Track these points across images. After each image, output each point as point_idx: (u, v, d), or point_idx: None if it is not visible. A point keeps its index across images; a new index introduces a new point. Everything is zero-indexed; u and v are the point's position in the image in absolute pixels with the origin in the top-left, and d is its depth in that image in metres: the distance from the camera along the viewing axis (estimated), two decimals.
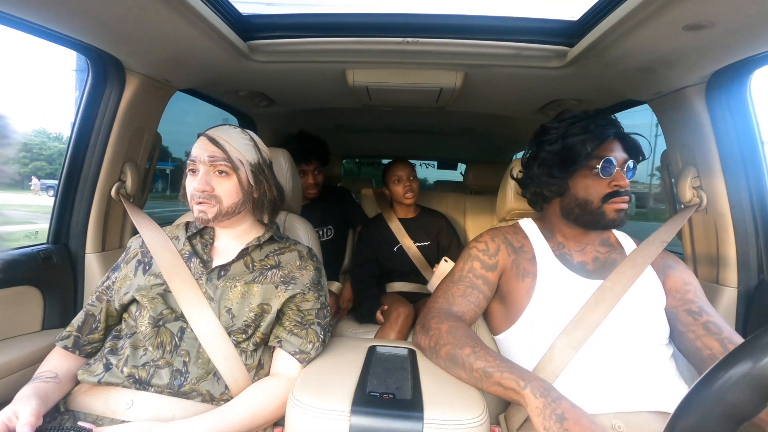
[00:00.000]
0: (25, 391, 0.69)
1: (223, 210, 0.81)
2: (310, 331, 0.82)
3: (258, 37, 1.06)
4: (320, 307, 0.85)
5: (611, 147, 0.84)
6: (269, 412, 0.75)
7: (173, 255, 0.83)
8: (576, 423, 0.57)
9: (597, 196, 0.84)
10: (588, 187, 0.84)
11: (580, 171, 0.85)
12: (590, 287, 0.83)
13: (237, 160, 0.81)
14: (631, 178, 0.85)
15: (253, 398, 0.74)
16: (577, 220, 0.88)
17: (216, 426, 0.69)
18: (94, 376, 0.75)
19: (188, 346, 0.76)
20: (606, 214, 0.83)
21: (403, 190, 1.72)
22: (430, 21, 1.01)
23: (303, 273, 0.85)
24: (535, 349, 0.81)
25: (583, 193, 0.85)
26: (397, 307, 1.50)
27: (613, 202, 0.83)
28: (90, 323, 0.83)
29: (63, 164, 1.14)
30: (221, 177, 0.80)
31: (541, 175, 0.89)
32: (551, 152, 0.87)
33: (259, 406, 0.74)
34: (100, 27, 0.88)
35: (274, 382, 0.78)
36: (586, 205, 0.85)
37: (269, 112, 1.79)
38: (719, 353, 0.74)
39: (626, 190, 0.83)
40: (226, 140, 0.81)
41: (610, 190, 0.83)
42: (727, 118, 1.00)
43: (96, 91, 1.11)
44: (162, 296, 0.79)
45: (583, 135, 0.83)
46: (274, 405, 0.75)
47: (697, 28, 0.76)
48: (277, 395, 0.76)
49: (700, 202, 1.04)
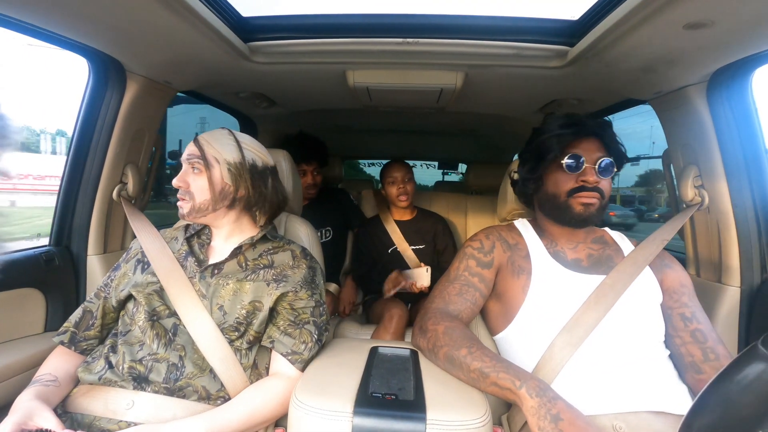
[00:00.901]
0: (25, 397, 0.69)
1: (196, 206, 0.83)
2: (303, 330, 0.81)
3: (258, 38, 1.07)
4: (315, 305, 0.85)
5: (583, 145, 0.86)
6: (268, 411, 0.75)
7: (170, 259, 0.84)
8: (571, 424, 0.57)
9: (563, 190, 0.87)
10: (557, 181, 0.88)
11: (550, 166, 0.88)
12: (586, 283, 0.84)
13: (212, 158, 0.84)
14: (607, 177, 0.86)
15: (251, 398, 0.75)
16: (549, 215, 0.92)
17: (214, 425, 0.69)
18: (94, 374, 0.75)
19: (182, 341, 0.77)
20: (572, 207, 0.86)
21: (396, 192, 1.71)
22: (430, 21, 1.01)
23: (295, 271, 0.86)
24: (534, 347, 0.81)
25: (552, 188, 0.89)
26: (390, 308, 1.50)
27: (578, 197, 0.85)
28: (87, 320, 0.84)
29: (64, 166, 1.14)
30: (195, 174, 0.84)
31: (524, 172, 0.95)
32: (530, 149, 0.93)
33: (257, 406, 0.74)
34: (101, 29, 0.88)
35: (272, 381, 0.78)
36: (554, 199, 0.88)
37: (270, 113, 1.79)
38: (700, 361, 0.78)
39: (596, 186, 0.85)
40: (207, 141, 0.85)
41: (576, 185, 0.85)
42: (728, 116, 1.00)
43: (97, 93, 1.11)
44: (157, 293, 0.80)
45: (553, 132, 0.87)
46: (272, 404, 0.75)
47: (697, 26, 0.76)
48: (275, 394, 0.76)
49: (701, 202, 1.04)
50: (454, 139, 2.69)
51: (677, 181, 1.12)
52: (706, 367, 0.77)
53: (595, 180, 0.84)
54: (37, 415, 0.64)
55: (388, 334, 1.44)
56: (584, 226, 0.91)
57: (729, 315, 1.02)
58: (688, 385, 0.79)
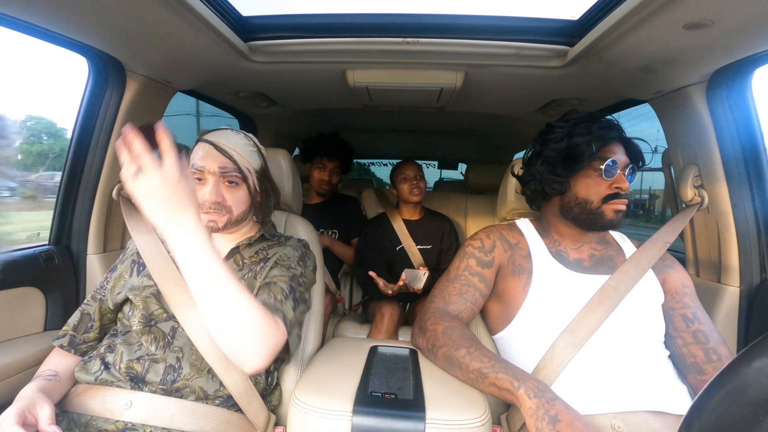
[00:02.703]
0: (29, 390, 0.69)
1: (233, 219, 0.82)
2: (274, 288, 0.77)
3: (258, 37, 1.06)
4: (292, 276, 0.81)
5: (614, 149, 0.85)
6: (253, 311, 0.63)
7: (164, 259, 0.83)
8: (569, 425, 0.57)
9: (597, 197, 0.84)
10: (589, 186, 0.85)
11: (583, 171, 0.85)
12: (587, 283, 0.84)
13: (246, 170, 0.82)
14: (631, 182, 0.86)
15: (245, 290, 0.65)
16: (575, 219, 0.88)
17: (211, 252, 0.60)
18: (91, 374, 0.75)
19: (181, 344, 0.76)
20: (605, 214, 0.84)
21: (409, 188, 1.73)
22: (430, 21, 1.01)
23: (283, 251, 0.86)
24: (535, 347, 0.81)
25: (584, 193, 0.86)
26: (381, 307, 1.50)
27: (612, 203, 0.83)
28: (85, 322, 0.84)
29: (64, 165, 1.14)
30: (231, 187, 0.81)
31: (545, 172, 0.89)
32: (556, 150, 0.87)
33: (246, 295, 0.63)
34: (100, 29, 0.88)
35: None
36: (585, 205, 0.85)
37: (270, 112, 1.79)
38: (702, 362, 0.78)
39: (626, 193, 0.84)
40: (233, 149, 0.81)
41: (611, 191, 0.83)
42: (728, 116, 1.00)
43: (97, 92, 1.11)
44: (155, 296, 0.80)
45: (588, 135, 0.84)
46: (258, 312, 0.64)
47: (697, 26, 0.76)
48: (264, 313, 0.66)
49: (701, 202, 1.04)
50: (454, 138, 2.69)
51: (677, 181, 1.12)
52: (709, 368, 0.77)
53: (627, 186, 0.84)
54: (38, 406, 0.64)
55: (380, 333, 1.44)
56: (606, 230, 0.91)
57: (728, 315, 1.03)
58: (688, 386, 0.79)
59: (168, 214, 0.57)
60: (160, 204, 0.57)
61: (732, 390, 0.34)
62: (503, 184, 1.14)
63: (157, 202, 0.57)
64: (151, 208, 0.57)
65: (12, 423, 0.60)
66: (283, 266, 0.83)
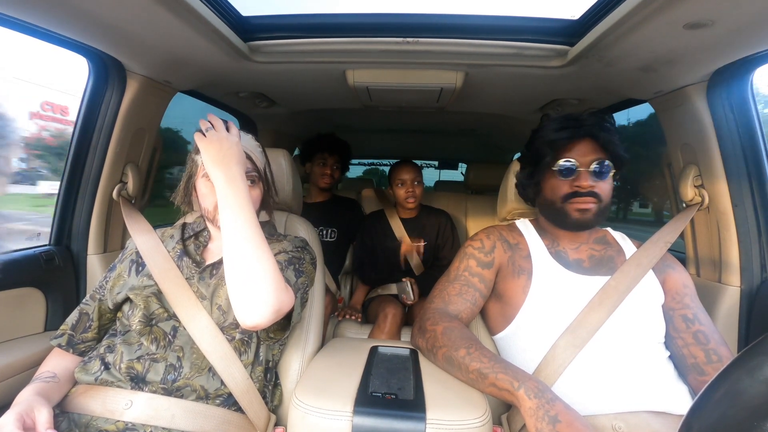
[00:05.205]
0: (27, 393, 0.69)
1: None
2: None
3: (258, 38, 1.07)
4: (291, 258, 0.83)
5: (577, 148, 0.84)
6: (266, 261, 0.68)
7: (165, 259, 0.83)
8: (569, 426, 0.57)
9: (558, 196, 0.86)
10: (553, 187, 0.87)
11: (545, 172, 0.88)
12: (587, 284, 0.84)
13: (261, 170, 0.85)
14: (605, 177, 0.84)
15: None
16: (550, 219, 0.92)
17: (247, 207, 0.71)
18: (90, 374, 0.75)
19: (182, 343, 0.76)
20: (569, 213, 0.85)
21: (405, 194, 1.70)
22: (431, 21, 1.01)
23: (281, 245, 0.86)
24: (535, 348, 0.81)
25: (549, 194, 0.88)
26: (383, 308, 1.50)
27: (573, 203, 0.84)
28: (84, 322, 0.83)
29: (65, 166, 1.14)
30: (250, 186, 0.81)
31: (522, 177, 0.95)
32: (527, 155, 0.93)
33: (271, 255, 0.69)
34: (100, 29, 0.88)
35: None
36: (552, 205, 0.88)
37: (270, 113, 1.79)
38: (702, 363, 0.78)
39: (591, 191, 0.82)
40: (249, 150, 0.84)
41: (570, 190, 0.84)
42: (728, 116, 1.00)
43: (97, 92, 1.11)
44: (155, 295, 0.80)
45: (551, 136, 0.85)
46: (272, 261, 0.69)
47: (697, 26, 0.76)
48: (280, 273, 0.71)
49: (701, 201, 1.04)
50: (454, 138, 2.69)
51: (677, 181, 1.12)
52: (709, 369, 0.77)
53: (589, 185, 0.82)
54: (37, 409, 0.64)
55: (383, 333, 1.44)
56: (583, 230, 0.90)
57: (729, 315, 1.02)
58: (688, 386, 0.79)
59: (221, 161, 0.73)
60: (217, 152, 0.73)
61: (730, 392, 0.34)
62: (503, 184, 1.14)
63: (216, 151, 0.73)
64: (211, 155, 0.73)
65: (12, 428, 0.59)
66: (281, 253, 0.85)
